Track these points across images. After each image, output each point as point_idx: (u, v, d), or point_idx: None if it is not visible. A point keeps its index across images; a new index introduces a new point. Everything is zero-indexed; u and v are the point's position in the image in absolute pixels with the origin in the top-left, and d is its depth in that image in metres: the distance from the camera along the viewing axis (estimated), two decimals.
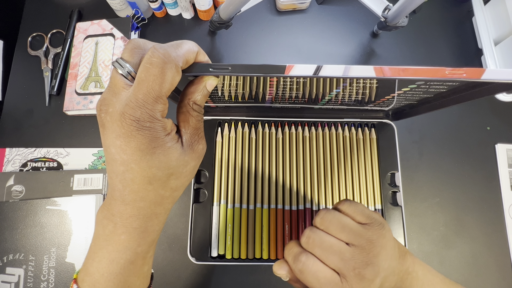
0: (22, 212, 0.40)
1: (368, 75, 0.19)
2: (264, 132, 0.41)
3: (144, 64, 0.17)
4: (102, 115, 0.18)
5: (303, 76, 0.19)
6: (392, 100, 0.32)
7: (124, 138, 0.17)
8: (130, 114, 0.16)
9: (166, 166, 0.18)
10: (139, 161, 0.17)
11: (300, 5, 0.49)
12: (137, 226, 0.19)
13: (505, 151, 0.44)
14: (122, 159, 0.17)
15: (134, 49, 0.18)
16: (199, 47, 0.19)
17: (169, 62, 0.17)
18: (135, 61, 0.18)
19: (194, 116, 0.20)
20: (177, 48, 0.17)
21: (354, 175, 0.40)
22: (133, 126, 0.17)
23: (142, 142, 0.17)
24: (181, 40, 0.18)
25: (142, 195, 0.18)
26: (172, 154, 0.18)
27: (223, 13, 0.42)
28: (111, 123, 0.17)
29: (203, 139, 0.21)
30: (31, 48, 0.49)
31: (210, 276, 0.40)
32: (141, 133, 0.17)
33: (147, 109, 0.17)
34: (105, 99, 0.18)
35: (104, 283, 0.19)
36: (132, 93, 0.17)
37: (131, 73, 0.18)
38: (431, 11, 0.50)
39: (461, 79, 0.19)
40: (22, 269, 0.39)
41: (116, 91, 0.17)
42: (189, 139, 0.20)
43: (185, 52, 0.18)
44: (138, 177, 0.18)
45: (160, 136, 0.18)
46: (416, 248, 0.40)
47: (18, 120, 0.46)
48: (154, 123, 0.17)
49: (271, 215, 0.38)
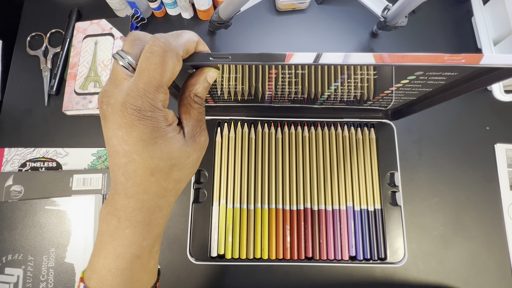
0: (21, 212, 0.40)
1: (368, 62, 0.19)
2: (263, 132, 0.41)
3: (145, 53, 0.16)
4: (103, 107, 0.17)
5: (303, 64, 0.19)
6: (391, 96, 0.32)
7: (126, 128, 0.17)
8: (131, 103, 0.16)
9: (169, 156, 0.18)
10: (141, 152, 0.17)
11: (300, 5, 0.49)
12: (141, 219, 0.19)
13: (504, 151, 0.44)
14: (124, 150, 0.17)
15: (135, 41, 0.18)
16: (199, 37, 0.19)
17: (169, 51, 0.16)
18: (136, 52, 0.18)
19: (196, 108, 0.20)
20: (177, 37, 0.17)
21: (353, 175, 0.40)
22: (135, 116, 0.16)
23: (143, 132, 0.17)
24: (181, 30, 0.18)
25: (144, 187, 0.18)
26: (174, 145, 0.18)
27: (222, 13, 0.42)
28: (112, 114, 0.17)
29: (205, 131, 0.21)
30: (30, 47, 0.49)
31: (209, 276, 0.40)
32: (143, 123, 0.17)
33: (148, 98, 0.16)
34: (107, 91, 0.17)
35: (111, 279, 0.19)
36: (133, 83, 0.17)
37: (132, 64, 0.18)
38: (430, 11, 0.50)
39: (460, 64, 0.19)
40: (21, 269, 0.38)
41: (118, 83, 0.17)
42: (191, 131, 0.20)
43: (186, 41, 0.18)
44: (140, 169, 0.18)
45: (162, 126, 0.17)
46: (416, 248, 0.40)
47: (17, 120, 0.46)
48: (156, 113, 0.17)
49: (271, 215, 0.38)
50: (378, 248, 0.37)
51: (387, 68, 0.24)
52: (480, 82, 0.24)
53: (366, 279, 0.39)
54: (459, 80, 0.25)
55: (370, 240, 0.38)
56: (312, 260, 0.37)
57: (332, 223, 0.38)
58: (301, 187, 0.39)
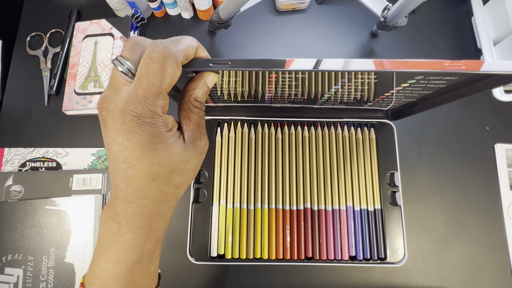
0: (21, 212, 0.40)
1: (368, 68, 0.19)
2: (263, 132, 0.41)
3: (144, 59, 0.16)
4: (103, 113, 0.17)
5: (302, 70, 0.19)
6: (391, 98, 0.32)
7: (126, 134, 0.17)
8: (131, 110, 0.16)
9: (169, 162, 0.18)
10: (141, 158, 0.17)
11: (300, 5, 0.49)
12: (142, 224, 0.19)
13: (504, 151, 0.44)
14: (124, 156, 0.17)
15: (134, 46, 0.18)
16: (199, 42, 0.19)
17: (169, 57, 0.16)
18: (135, 58, 0.18)
19: (196, 113, 0.20)
20: (177, 43, 0.17)
21: (353, 175, 0.40)
22: (134, 122, 0.16)
23: (143, 138, 0.17)
24: (180, 36, 0.18)
25: (145, 193, 0.18)
26: (174, 150, 0.18)
27: (222, 13, 0.42)
28: (112, 120, 0.17)
29: (205, 136, 0.21)
30: (30, 47, 0.49)
31: (209, 276, 0.40)
32: (143, 129, 0.17)
33: (148, 104, 0.17)
34: (106, 97, 0.18)
35: (112, 284, 0.19)
36: (133, 89, 0.17)
37: (131, 70, 0.18)
38: (430, 11, 0.50)
39: (460, 71, 0.19)
40: (21, 269, 0.38)
41: (117, 88, 0.17)
42: (191, 136, 0.20)
43: (185, 47, 0.18)
44: (140, 174, 0.18)
45: (162, 132, 0.17)
46: (416, 248, 0.40)
47: (17, 120, 0.46)
48: (155, 119, 0.17)
49: (270, 215, 0.38)
50: (378, 248, 0.37)
51: (387, 72, 0.24)
52: (480, 86, 0.24)
53: (366, 279, 0.39)
54: (459, 84, 0.26)
55: (370, 240, 0.38)
56: (312, 260, 0.37)
57: (332, 223, 0.38)
58: (301, 187, 0.39)
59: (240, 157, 0.40)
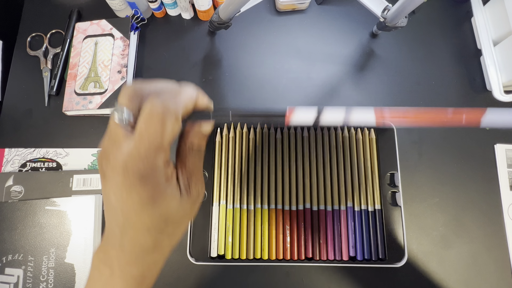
0: (21, 212, 0.40)
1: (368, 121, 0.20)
2: (263, 132, 0.41)
3: (144, 117, 0.17)
4: (103, 166, 0.18)
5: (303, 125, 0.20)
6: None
7: (126, 189, 0.17)
8: (133, 166, 0.16)
9: (166, 214, 0.18)
10: (140, 212, 0.17)
11: (300, 5, 0.49)
12: (136, 274, 0.19)
13: (504, 151, 0.44)
14: (122, 209, 0.17)
15: (131, 96, 0.18)
16: (198, 89, 0.19)
17: (169, 114, 0.17)
18: (134, 106, 0.18)
19: (191, 158, 0.20)
20: (176, 97, 0.18)
21: (353, 175, 0.40)
22: (135, 178, 0.17)
23: (143, 194, 0.17)
24: (179, 85, 0.18)
25: (140, 243, 0.18)
26: (171, 202, 0.18)
27: (222, 13, 0.42)
28: (112, 174, 0.17)
29: (201, 183, 0.21)
30: (30, 48, 0.49)
31: (209, 276, 0.40)
32: (143, 183, 0.17)
33: (149, 160, 0.17)
34: (106, 151, 0.18)
35: None
36: (134, 146, 0.17)
37: (130, 121, 0.17)
38: (430, 11, 0.50)
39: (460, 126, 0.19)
40: (21, 269, 0.38)
41: (116, 140, 0.17)
42: (186, 183, 0.20)
43: (185, 102, 0.18)
44: (137, 226, 0.18)
45: (161, 183, 0.18)
46: (416, 248, 0.40)
47: (17, 120, 0.46)
48: (156, 173, 0.17)
49: (270, 215, 0.38)
50: (378, 249, 0.37)
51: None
52: None
53: (366, 279, 0.39)
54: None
55: (370, 241, 0.38)
56: (312, 260, 0.37)
57: (332, 223, 0.38)
58: (301, 187, 0.39)
59: (240, 157, 0.40)
